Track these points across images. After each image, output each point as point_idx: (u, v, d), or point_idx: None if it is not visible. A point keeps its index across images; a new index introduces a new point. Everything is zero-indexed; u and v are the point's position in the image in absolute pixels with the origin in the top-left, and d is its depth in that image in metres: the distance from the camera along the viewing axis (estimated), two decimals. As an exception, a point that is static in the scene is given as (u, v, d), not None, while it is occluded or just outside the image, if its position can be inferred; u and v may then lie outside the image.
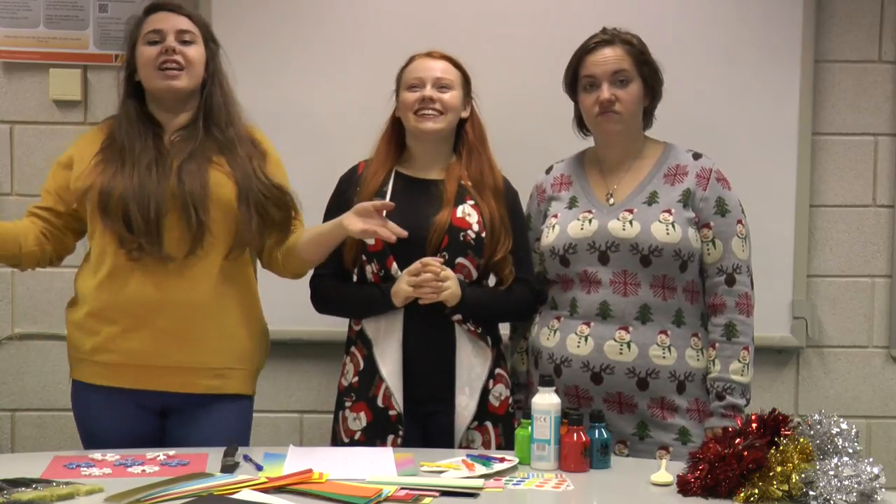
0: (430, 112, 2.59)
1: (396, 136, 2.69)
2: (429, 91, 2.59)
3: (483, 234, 2.58)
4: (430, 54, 2.66)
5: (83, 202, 2.47)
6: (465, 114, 2.66)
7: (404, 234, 2.45)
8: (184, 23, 2.50)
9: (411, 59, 2.67)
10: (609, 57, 2.58)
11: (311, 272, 2.67)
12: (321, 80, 3.22)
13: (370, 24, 3.22)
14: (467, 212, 2.59)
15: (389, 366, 2.54)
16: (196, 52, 2.49)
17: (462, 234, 2.57)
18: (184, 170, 2.42)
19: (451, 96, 2.61)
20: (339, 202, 2.65)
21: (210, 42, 2.54)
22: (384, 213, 2.47)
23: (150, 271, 2.42)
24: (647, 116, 2.69)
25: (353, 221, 2.44)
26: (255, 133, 2.58)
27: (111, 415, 2.50)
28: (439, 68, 2.63)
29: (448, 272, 2.52)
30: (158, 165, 2.43)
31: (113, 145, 2.48)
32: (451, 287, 2.52)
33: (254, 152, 2.52)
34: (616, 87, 2.57)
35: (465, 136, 2.67)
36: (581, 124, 2.73)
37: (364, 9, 3.24)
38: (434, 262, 2.51)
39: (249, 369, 2.58)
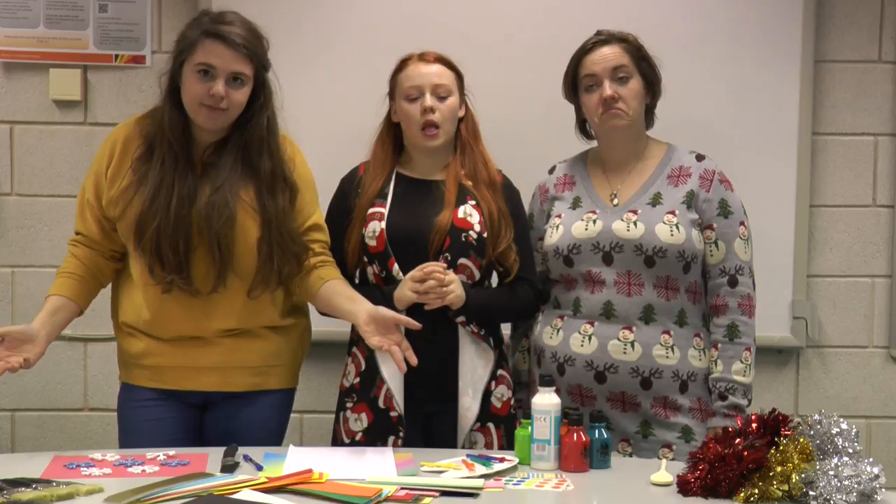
0: (434, 129, 2.58)
1: (392, 138, 2.68)
2: (429, 101, 2.57)
3: (485, 235, 2.58)
4: (423, 57, 2.63)
5: (118, 226, 2.48)
6: (461, 113, 2.66)
7: (414, 362, 2.36)
8: (238, 63, 2.39)
9: (405, 63, 2.65)
10: (608, 55, 2.58)
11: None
12: (321, 81, 3.21)
13: (369, 25, 3.22)
14: (469, 212, 2.59)
15: (391, 367, 2.53)
16: (244, 94, 2.42)
17: (464, 234, 2.57)
18: (212, 204, 2.40)
19: (450, 103, 2.60)
20: (341, 205, 2.66)
21: (261, 70, 2.44)
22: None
23: (180, 302, 2.45)
24: (649, 115, 2.69)
25: (371, 332, 2.37)
26: (287, 152, 2.52)
27: (155, 414, 2.52)
28: (435, 73, 2.61)
29: (451, 276, 2.52)
30: (191, 194, 2.41)
31: (149, 159, 2.44)
32: (455, 291, 2.51)
33: (283, 193, 2.47)
34: (617, 84, 2.57)
35: (459, 133, 2.66)
36: (583, 129, 2.73)
37: (361, 10, 3.23)
38: (437, 267, 2.50)
39: (289, 364, 2.60)
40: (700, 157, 2.64)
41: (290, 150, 2.55)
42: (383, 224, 2.57)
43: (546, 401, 2.27)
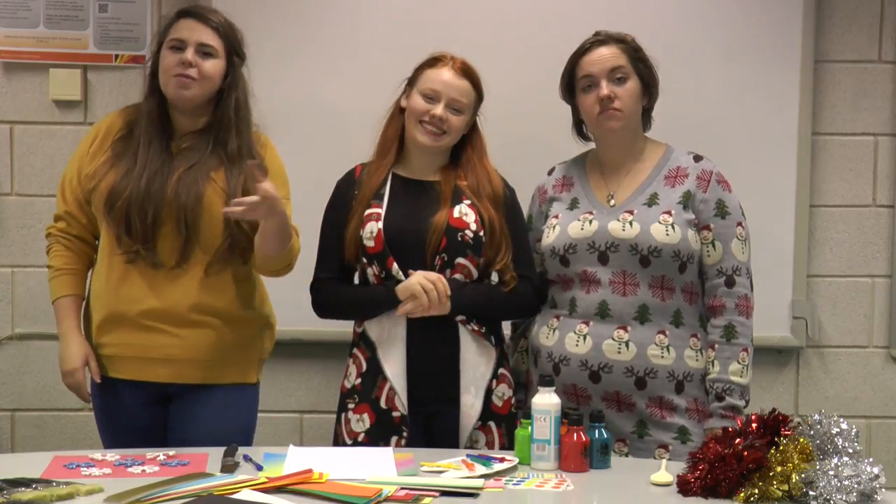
0: (434, 129, 2.58)
1: (401, 126, 2.66)
2: (440, 111, 2.57)
3: (481, 234, 2.58)
4: (455, 66, 2.60)
5: (91, 198, 2.54)
6: (466, 130, 2.65)
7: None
8: (207, 35, 2.51)
9: (438, 61, 2.62)
10: (605, 55, 2.58)
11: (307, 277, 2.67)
12: (322, 80, 3.22)
13: (371, 24, 3.23)
14: (464, 211, 2.59)
15: (394, 367, 2.54)
16: (213, 66, 2.51)
17: (460, 234, 2.57)
18: (182, 182, 2.48)
19: (460, 120, 2.60)
20: (338, 205, 2.65)
21: (233, 55, 2.56)
22: None
23: (143, 273, 2.51)
24: (646, 116, 2.69)
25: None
26: (258, 143, 2.60)
27: (119, 404, 2.59)
28: (459, 89, 2.59)
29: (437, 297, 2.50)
30: (164, 172, 2.49)
31: (129, 140, 2.54)
32: (440, 310, 2.52)
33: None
34: (614, 85, 2.57)
35: (465, 149, 2.66)
36: (580, 130, 2.73)
37: (365, 8, 3.24)
38: (436, 285, 2.49)
39: (245, 359, 2.62)
40: (698, 158, 2.64)
41: (259, 142, 2.62)
42: (380, 224, 2.57)
43: (546, 401, 2.27)
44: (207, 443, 2.38)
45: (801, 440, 2.04)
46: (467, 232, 2.57)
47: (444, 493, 2.05)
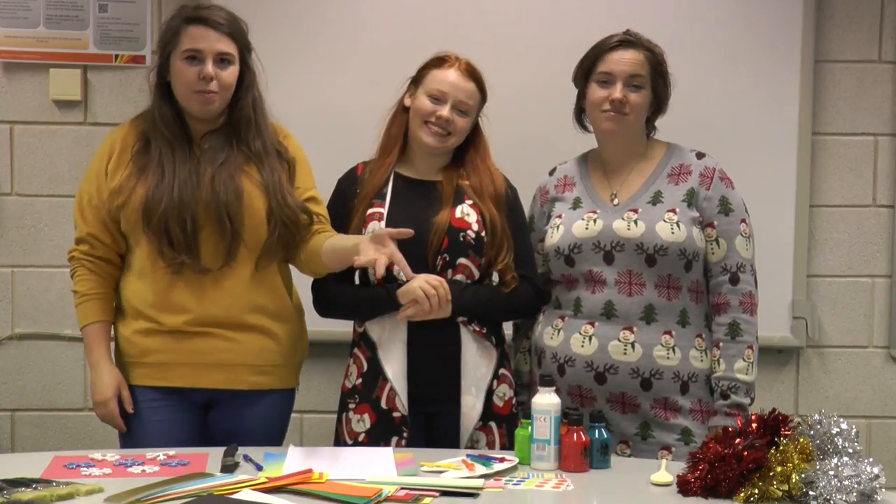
0: (440, 130, 2.58)
1: (405, 125, 2.66)
2: (447, 112, 2.57)
3: (483, 234, 2.58)
4: (461, 67, 2.60)
5: (122, 215, 2.49)
6: (469, 129, 2.65)
7: (409, 233, 2.41)
8: (222, 43, 2.46)
9: (442, 62, 2.62)
10: (629, 58, 2.57)
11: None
12: (323, 79, 3.22)
13: (374, 24, 3.23)
14: (466, 212, 2.59)
15: (395, 367, 2.54)
16: (231, 73, 2.48)
17: (462, 234, 2.57)
18: (217, 179, 2.45)
19: (465, 121, 2.60)
20: (339, 204, 2.65)
21: (245, 52, 2.52)
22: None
23: (189, 281, 2.47)
24: (649, 124, 2.68)
25: (366, 249, 2.37)
26: (280, 135, 2.59)
27: (161, 415, 2.52)
28: (465, 91, 2.59)
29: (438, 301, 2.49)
30: (194, 176, 2.45)
31: (148, 152, 2.49)
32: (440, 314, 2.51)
33: (279, 165, 2.53)
34: (629, 90, 2.56)
35: (467, 149, 2.66)
36: (580, 118, 2.72)
37: (366, 7, 3.24)
38: (436, 289, 2.48)
39: (292, 364, 2.62)
40: (700, 155, 2.64)
41: (281, 133, 2.61)
42: (383, 224, 2.57)
43: (546, 401, 2.27)
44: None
45: (801, 440, 2.04)
46: (469, 232, 2.57)
47: (444, 493, 2.05)
